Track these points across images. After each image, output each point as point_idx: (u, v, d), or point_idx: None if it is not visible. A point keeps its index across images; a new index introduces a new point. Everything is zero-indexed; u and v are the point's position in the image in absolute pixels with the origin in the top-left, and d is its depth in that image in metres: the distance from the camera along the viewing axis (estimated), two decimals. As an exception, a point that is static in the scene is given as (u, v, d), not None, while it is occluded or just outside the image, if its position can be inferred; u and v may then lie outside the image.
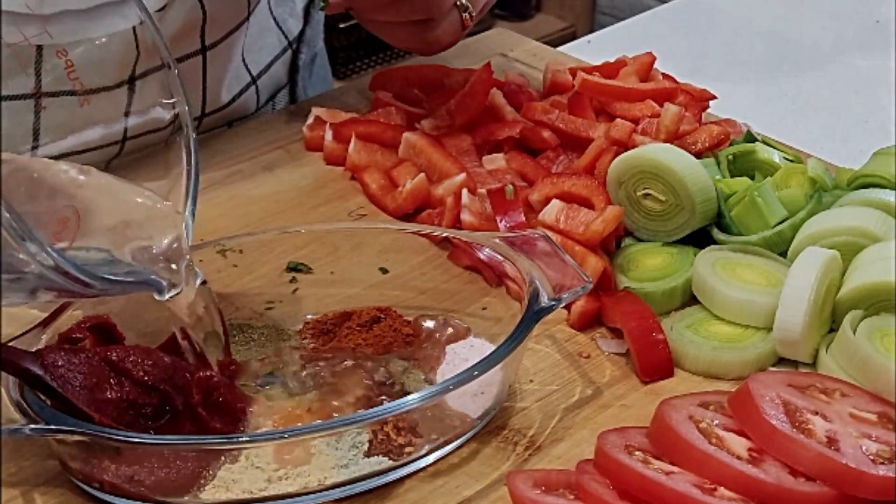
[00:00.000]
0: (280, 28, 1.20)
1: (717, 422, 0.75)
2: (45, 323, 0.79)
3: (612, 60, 1.13)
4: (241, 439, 0.73)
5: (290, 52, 1.22)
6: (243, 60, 1.14)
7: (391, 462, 0.75)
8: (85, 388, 0.74)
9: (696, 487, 0.70)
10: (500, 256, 0.84)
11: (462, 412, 0.77)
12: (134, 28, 0.98)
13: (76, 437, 0.71)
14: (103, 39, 0.96)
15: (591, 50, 1.30)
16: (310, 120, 1.12)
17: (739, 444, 0.73)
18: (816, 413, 0.74)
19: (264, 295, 0.88)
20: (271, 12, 1.18)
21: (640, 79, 1.09)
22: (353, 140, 1.05)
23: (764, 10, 1.46)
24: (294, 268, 0.89)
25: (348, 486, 0.75)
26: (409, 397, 0.73)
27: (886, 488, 0.69)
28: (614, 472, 0.72)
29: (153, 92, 1.03)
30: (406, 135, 1.03)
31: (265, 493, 0.73)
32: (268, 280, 0.88)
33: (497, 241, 0.85)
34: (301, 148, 1.11)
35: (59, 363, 0.74)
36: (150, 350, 0.78)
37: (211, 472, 0.72)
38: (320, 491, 0.74)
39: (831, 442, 0.72)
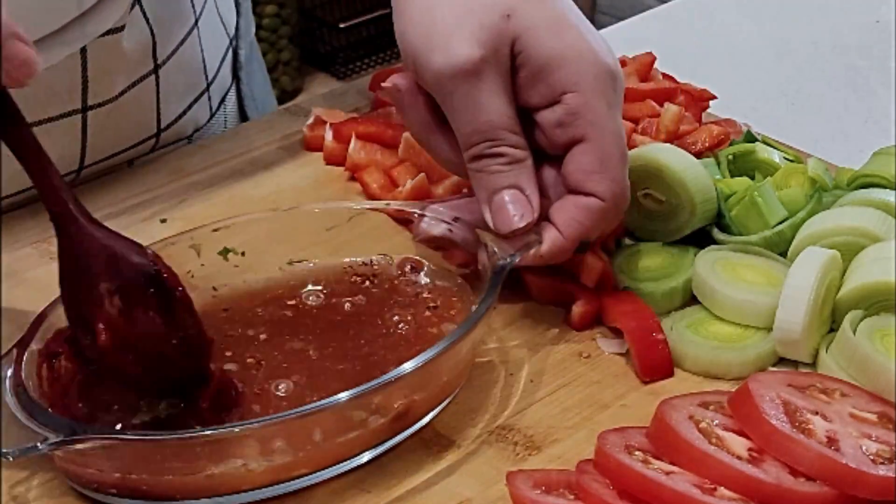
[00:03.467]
0: (224, 24, 1.19)
1: (717, 422, 0.75)
2: (23, 343, 0.77)
3: (612, 60, 1.13)
4: (234, 430, 0.72)
5: (231, 49, 1.21)
6: (204, 68, 1.14)
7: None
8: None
9: (696, 487, 0.71)
10: (444, 224, 0.86)
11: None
12: (82, 50, 0.97)
13: (94, 444, 0.70)
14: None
15: (591, 50, 1.29)
16: (310, 120, 1.11)
17: (739, 444, 0.73)
18: (816, 413, 0.74)
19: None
20: (217, 9, 1.17)
21: (640, 79, 1.09)
22: (353, 140, 1.05)
23: (764, 10, 1.46)
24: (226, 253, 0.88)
25: (344, 463, 0.75)
26: (402, 367, 0.74)
27: (886, 488, 0.69)
28: (614, 472, 0.72)
29: (113, 116, 1.03)
30: (406, 135, 1.03)
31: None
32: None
33: (437, 206, 0.86)
34: (301, 148, 1.11)
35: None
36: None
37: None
38: (312, 472, 0.75)
39: (831, 442, 0.72)
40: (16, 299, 0.91)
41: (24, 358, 0.75)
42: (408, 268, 0.88)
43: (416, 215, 0.88)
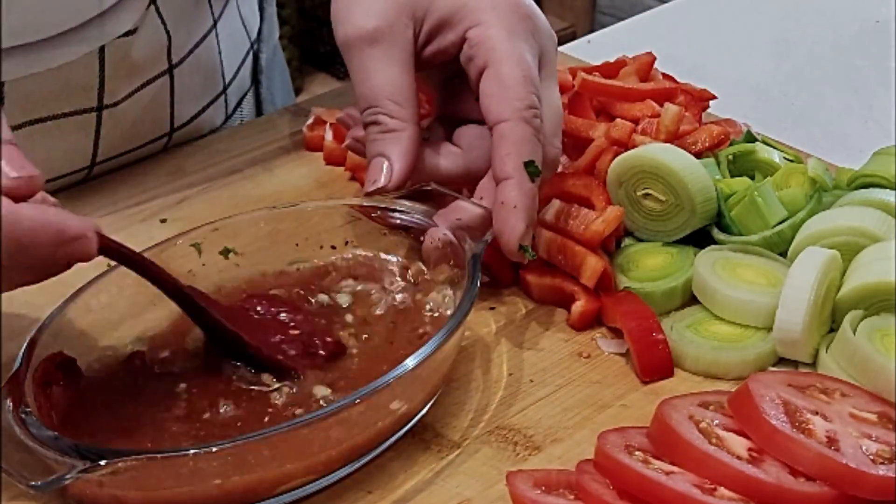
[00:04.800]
0: (245, 28, 1.18)
1: (717, 422, 0.75)
2: (21, 372, 0.76)
3: (612, 60, 1.13)
4: (259, 437, 0.72)
5: (252, 53, 1.21)
6: (222, 70, 1.13)
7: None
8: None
9: (696, 487, 0.71)
10: (411, 216, 0.87)
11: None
12: (102, 49, 0.97)
13: (122, 467, 0.69)
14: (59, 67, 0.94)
15: (591, 50, 1.30)
16: (310, 120, 1.11)
17: (739, 444, 0.73)
18: (816, 413, 0.74)
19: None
20: (239, 12, 1.16)
21: (640, 79, 1.09)
22: (353, 140, 1.05)
23: (764, 10, 1.46)
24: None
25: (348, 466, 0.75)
26: (407, 362, 0.74)
27: (886, 488, 0.69)
28: (614, 472, 0.72)
29: (126, 114, 1.03)
30: (406, 135, 1.03)
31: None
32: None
33: (398, 199, 0.88)
34: (301, 148, 1.11)
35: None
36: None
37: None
38: (323, 476, 0.75)
39: (831, 442, 0.72)
40: (16, 299, 0.91)
41: (24, 388, 0.74)
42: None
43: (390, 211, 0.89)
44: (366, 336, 0.83)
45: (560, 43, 0.94)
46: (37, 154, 0.97)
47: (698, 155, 0.98)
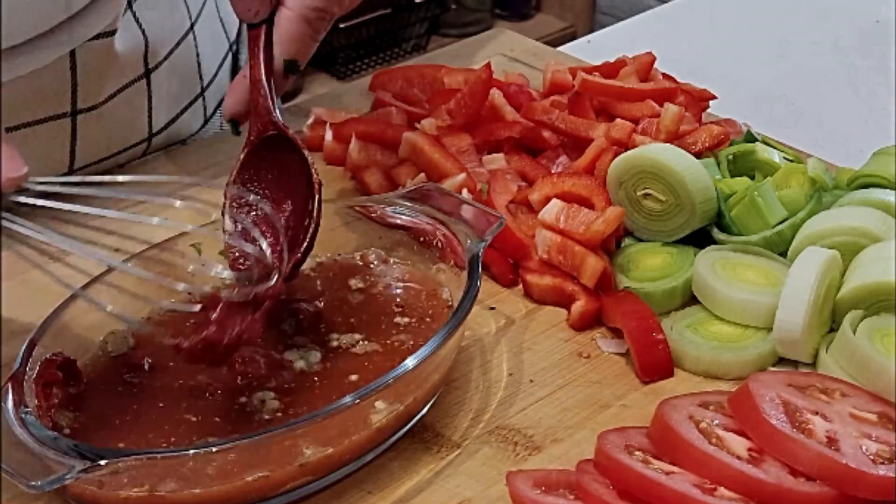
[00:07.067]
0: (224, 28, 1.18)
1: (717, 422, 0.75)
2: (20, 373, 0.76)
3: (612, 60, 1.13)
4: (259, 438, 0.72)
5: (231, 53, 1.20)
6: (200, 72, 1.13)
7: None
8: None
9: (696, 487, 0.71)
10: (418, 216, 0.88)
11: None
12: (72, 53, 0.97)
13: (122, 467, 0.69)
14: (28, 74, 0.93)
15: (591, 50, 1.30)
16: (310, 120, 1.11)
17: (739, 444, 0.73)
18: (816, 413, 0.74)
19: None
20: (218, 12, 1.16)
21: (640, 79, 1.09)
22: (353, 140, 1.05)
23: (764, 10, 1.46)
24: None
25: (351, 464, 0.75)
26: (407, 362, 0.74)
27: (886, 488, 0.69)
28: (614, 472, 0.72)
29: (103, 119, 1.02)
30: (406, 135, 1.03)
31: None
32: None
33: (398, 199, 0.88)
34: (301, 148, 1.10)
35: None
36: None
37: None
38: (323, 476, 0.75)
39: (831, 442, 0.72)
40: (16, 299, 0.91)
41: (24, 388, 0.74)
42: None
43: (383, 210, 0.90)
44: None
45: (560, 43, 0.95)
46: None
47: (698, 155, 0.98)
